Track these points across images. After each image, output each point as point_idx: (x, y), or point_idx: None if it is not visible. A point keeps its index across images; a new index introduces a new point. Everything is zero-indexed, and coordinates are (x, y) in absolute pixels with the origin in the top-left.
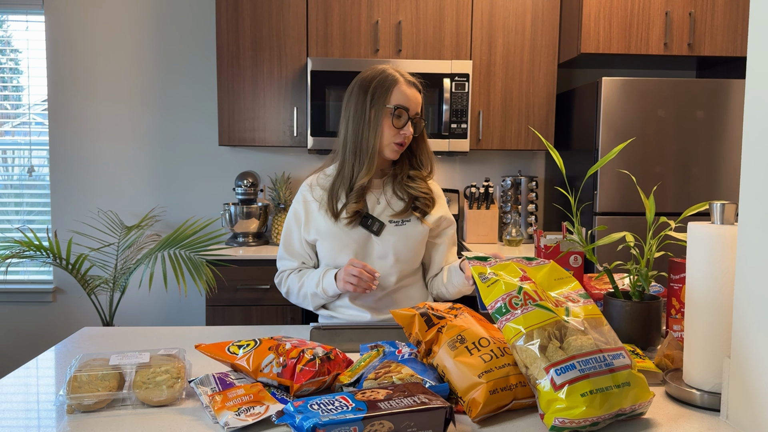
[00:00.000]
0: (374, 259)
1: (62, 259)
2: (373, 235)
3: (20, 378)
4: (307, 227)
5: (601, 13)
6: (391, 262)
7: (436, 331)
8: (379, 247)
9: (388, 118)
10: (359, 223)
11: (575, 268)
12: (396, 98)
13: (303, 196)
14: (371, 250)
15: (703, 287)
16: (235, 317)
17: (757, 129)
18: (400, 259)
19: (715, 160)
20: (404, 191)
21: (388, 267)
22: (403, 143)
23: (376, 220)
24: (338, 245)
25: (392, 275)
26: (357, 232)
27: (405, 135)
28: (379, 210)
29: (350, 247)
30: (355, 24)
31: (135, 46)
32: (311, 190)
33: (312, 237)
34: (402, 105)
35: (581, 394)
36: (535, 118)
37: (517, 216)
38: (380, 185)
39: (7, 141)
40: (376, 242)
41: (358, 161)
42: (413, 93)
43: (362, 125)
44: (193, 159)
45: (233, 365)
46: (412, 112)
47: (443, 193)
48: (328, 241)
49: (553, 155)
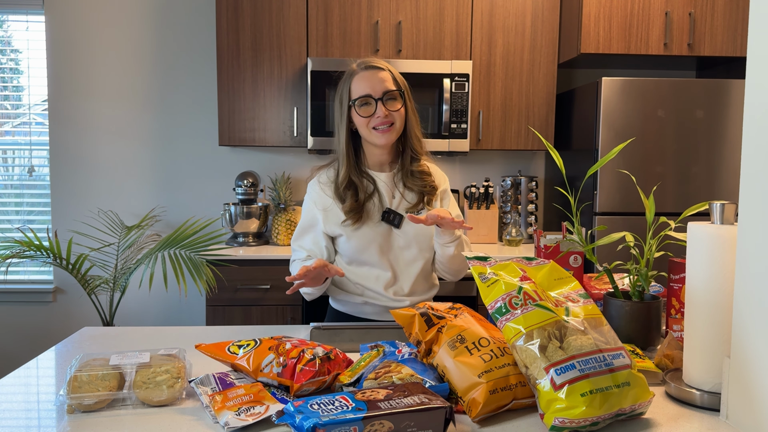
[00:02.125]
0: (398, 250)
1: (62, 259)
2: (394, 228)
3: (20, 378)
4: (328, 224)
5: (601, 14)
6: (416, 252)
7: (436, 331)
8: (401, 238)
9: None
10: (381, 218)
11: (575, 268)
12: (356, 90)
13: (319, 196)
14: (394, 243)
15: (702, 287)
16: (235, 317)
17: (756, 129)
18: (422, 248)
19: (715, 160)
20: (412, 183)
21: (413, 255)
22: (386, 123)
23: (396, 214)
24: (365, 242)
25: (419, 261)
26: (381, 227)
27: (380, 117)
28: (396, 202)
29: (376, 241)
30: (355, 24)
31: (135, 46)
32: (323, 189)
33: (337, 232)
34: (362, 94)
35: (581, 393)
36: (535, 118)
37: (517, 216)
38: (391, 179)
39: (7, 141)
40: (397, 234)
41: (340, 160)
42: (371, 74)
43: (337, 126)
44: (193, 159)
45: (233, 365)
46: (377, 94)
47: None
48: (354, 239)
49: (553, 155)
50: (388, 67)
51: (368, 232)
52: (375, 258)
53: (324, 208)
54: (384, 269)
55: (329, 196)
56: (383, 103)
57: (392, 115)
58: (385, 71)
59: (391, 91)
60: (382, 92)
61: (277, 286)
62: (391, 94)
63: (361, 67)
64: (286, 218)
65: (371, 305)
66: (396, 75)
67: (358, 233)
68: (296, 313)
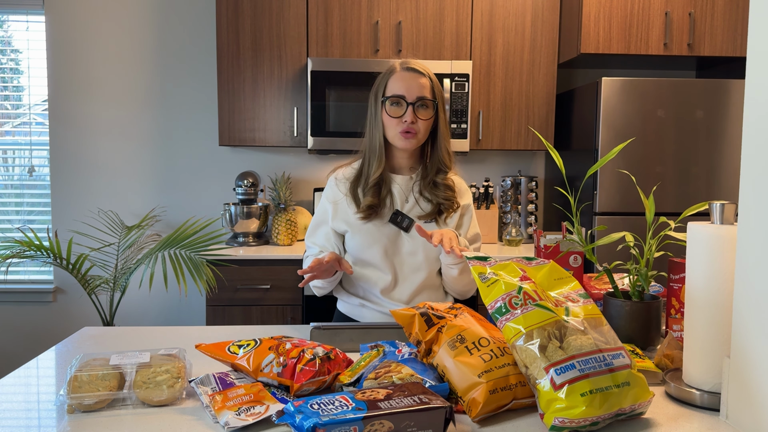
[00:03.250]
0: (404, 255)
1: (62, 259)
2: (402, 231)
3: (20, 378)
4: (336, 220)
5: (601, 14)
6: (421, 259)
7: (436, 331)
8: (409, 244)
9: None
10: (389, 220)
11: (575, 268)
12: (391, 88)
13: (332, 190)
14: (401, 247)
15: (702, 287)
16: (235, 317)
17: (756, 129)
18: (429, 257)
19: (714, 160)
20: (431, 194)
21: (419, 263)
22: (410, 131)
23: (406, 217)
24: (369, 240)
25: (423, 270)
26: (388, 228)
27: (407, 122)
28: (408, 208)
29: (381, 242)
30: (355, 24)
31: (135, 46)
32: (338, 184)
33: (342, 228)
34: (396, 93)
35: (581, 393)
36: (535, 118)
37: (517, 216)
38: (407, 183)
39: (7, 141)
40: (405, 239)
41: (371, 157)
42: (410, 77)
43: (371, 122)
44: (193, 159)
45: (233, 365)
46: (411, 98)
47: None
48: (358, 235)
49: (553, 155)
50: (429, 74)
51: (373, 231)
52: (377, 259)
53: (334, 201)
54: (385, 272)
55: (342, 192)
56: (414, 109)
57: (418, 124)
58: (425, 77)
59: (425, 99)
60: (416, 98)
61: (277, 286)
62: (425, 102)
63: (404, 67)
64: (286, 218)
65: (368, 309)
66: (435, 84)
67: (362, 230)
68: (296, 313)
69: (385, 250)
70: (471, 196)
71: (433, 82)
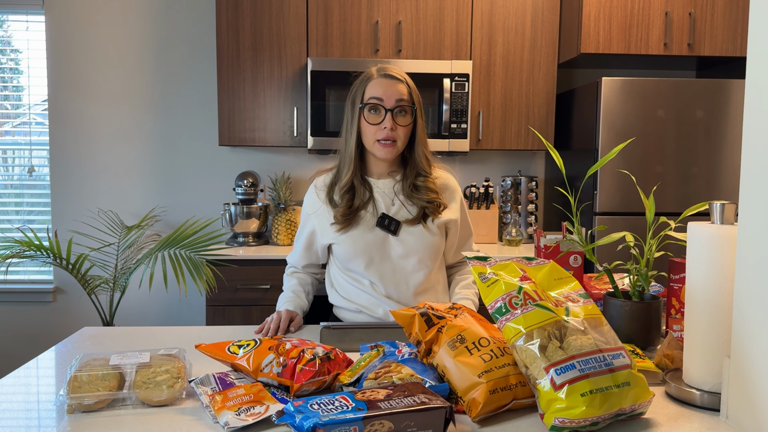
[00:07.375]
0: (395, 259)
1: (62, 259)
2: (390, 235)
3: (20, 378)
4: (323, 233)
5: (601, 14)
6: (414, 262)
7: (436, 331)
8: (399, 248)
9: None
10: (376, 224)
11: (575, 268)
12: (369, 93)
13: (311, 198)
14: (390, 251)
15: (702, 287)
16: (235, 317)
17: (756, 129)
18: (423, 257)
19: (715, 160)
20: (415, 197)
21: (414, 266)
22: (388, 138)
23: (393, 220)
24: (355, 248)
25: (420, 272)
26: (374, 234)
27: (386, 129)
28: (394, 211)
29: (368, 250)
30: (355, 24)
31: (135, 46)
32: (317, 192)
33: (329, 240)
34: (375, 97)
35: (581, 393)
36: (535, 118)
37: (517, 216)
38: (390, 187)
39: (7, 141)
40: (394, 243)
41: (342, 163)
42: (388, 83)
43: (347, 128)
44: (193, 159)
45: (233, 365)
46: (389, 104)
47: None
48: (344, 244)
49: (553, 155)
50: (407, 80)
51: (358, 239)
52: (365, 267)
53: (315, 213)
54: (376, 280)
55: (321, 201)
56: (393, 115)
57: (397, 132)
58: (403, 84)
59: (404, 105)
60: (395, 104)
61: (277, 287)
62: (404, 108)
63: (381, 73)
64: (286, 218)
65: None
66: (413, 90)
67: (346, 239)
68: None
69: (370, 259)
70: (459, 188)
71: (411, 88)
